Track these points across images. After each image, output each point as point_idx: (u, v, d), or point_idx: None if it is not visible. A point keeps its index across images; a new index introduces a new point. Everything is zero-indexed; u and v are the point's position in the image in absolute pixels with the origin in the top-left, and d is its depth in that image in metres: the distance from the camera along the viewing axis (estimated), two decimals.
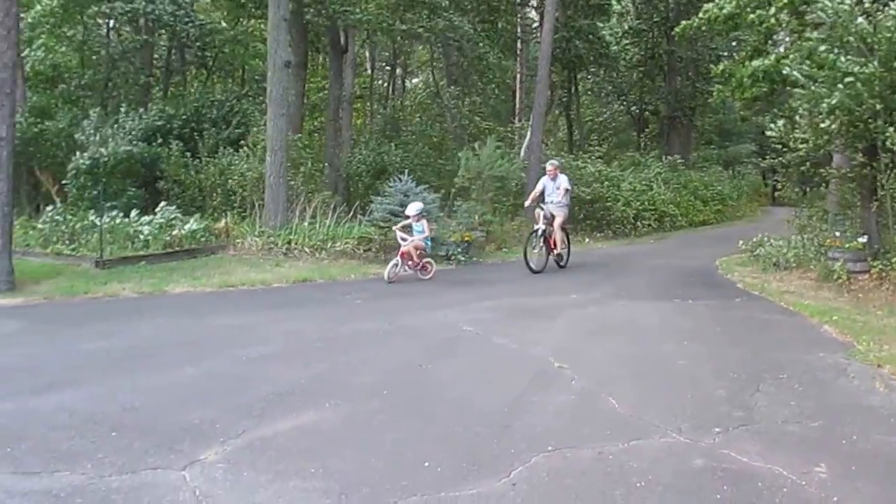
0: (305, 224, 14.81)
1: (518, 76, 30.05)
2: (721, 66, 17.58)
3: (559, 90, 31.45)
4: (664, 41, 32.21)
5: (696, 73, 33.26)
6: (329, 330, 8.25)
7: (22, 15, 23.41)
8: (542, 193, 13.75)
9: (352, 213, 15.87)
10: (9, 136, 11.04)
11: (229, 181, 17.65)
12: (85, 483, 3.92)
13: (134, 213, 15.31)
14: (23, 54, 22.60)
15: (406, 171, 16.13)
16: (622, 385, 6.07)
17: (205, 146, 18.74)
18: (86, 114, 19.84)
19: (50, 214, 15.40)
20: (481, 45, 25.45)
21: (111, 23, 23.56)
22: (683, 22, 17.96)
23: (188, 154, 18.63)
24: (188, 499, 3.74)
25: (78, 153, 17.45)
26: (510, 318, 9.05)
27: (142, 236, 13.89)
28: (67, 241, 14.24)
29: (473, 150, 18.16)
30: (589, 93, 37.78)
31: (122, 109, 19.52)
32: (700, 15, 16.33)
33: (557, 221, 13.44)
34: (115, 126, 18.67)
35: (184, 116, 20.16)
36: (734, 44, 29.82)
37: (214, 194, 17.88)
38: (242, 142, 18.89)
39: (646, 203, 22.98)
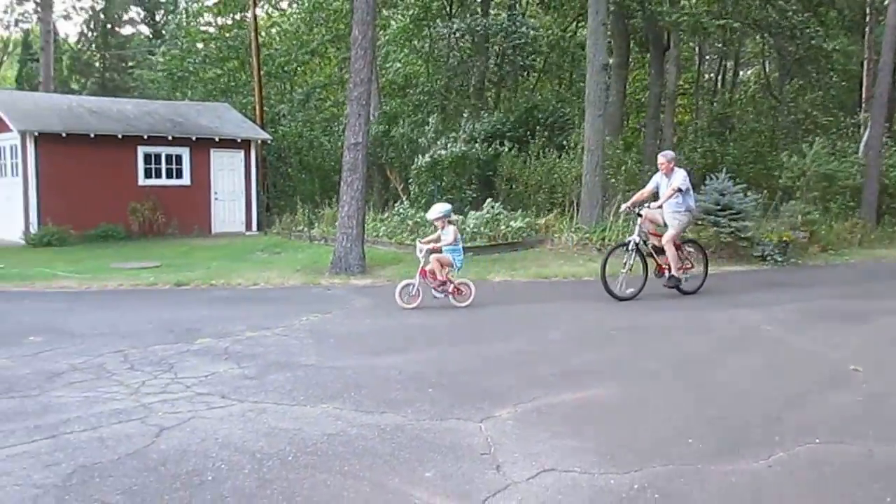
0: (620, 222, 15.39)
1: (865, 61, 27.76)
2: None
3: None
4: None
5: None
6: (628, 320, 8.86)
7: (381, 32, 26.71)
8: (656, 195, 10.86)
9: None
10: (364, 141, 13.00)
11: (552, 180, 18.78)
12: (405, 423, 4.97)
13: (468, 209, 17.01)
14: (380, 67, 25.77)
15: (723, 169, 15.98)
16: None
17: (534, 147, 20.09)
18: (426, 119, 22.20)
19: (396, 209, 17.70)
20: (818, 32, 23.95)
21: (452, 35, 25.84)
22: None
23: (518, 155, 20.10)
24: (481, 443, 4.62)
25: (420, 155, 19.65)
26: (815, 320, 8.94)
27: (468, 229, 15.41)
28: (409, 233, 16.24)
29: (801, 148, 17.48)
30: None
31: (465, 115, 21.49)
32: None
33: (668, 235, 10.43)
34: (454, 130, 20.69)
35: (514, 120, 21.70)
36: None
37: (539, 192, 19.12)
38: (566, 142, 19.91)
39: None
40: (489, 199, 17.21)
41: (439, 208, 9.74)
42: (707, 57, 33.48)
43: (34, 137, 18.20)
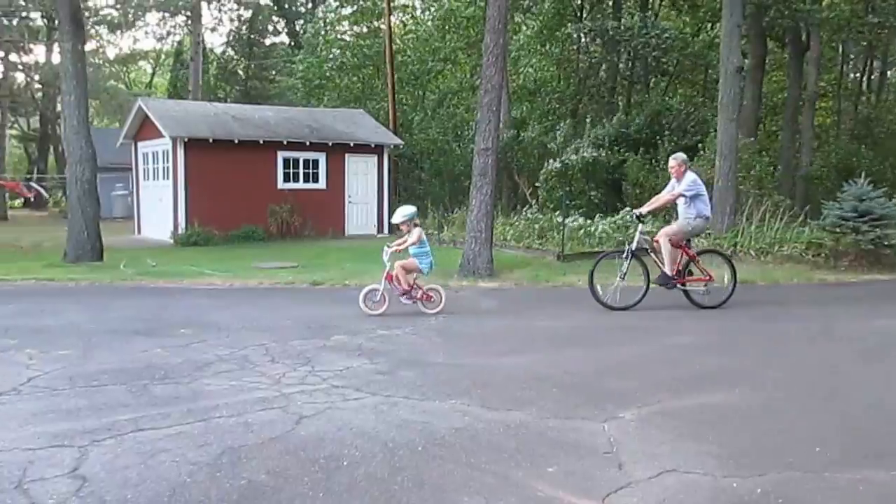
0: (752, 227, 14.99)
1: None
2: None
3: None
4: None
5: None
6: (753, 329, 8.73)
7: (512, 37, 26.94)
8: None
9: (803, 217, 15.61)
10: (494, 146, 13.22)
11: None
12: (529, 420, 5.12)
13: (598, 216, 16.97)
14: (511, 72, 25.98)
15: (861, 173, 15.30)
16: None
17: (663, 152, 19.79)
18: (557, 123, 22.25)
19: (524, 213, 17.87)
20: None
21: (582, 39, 25.77)
22: None
23: (648, 159, 19.84)
24: (604, 442, 4.71)
25: (549, 160, 19.74)
26: None
27: (597, 234, 15.39)
28: (537, 237, 16.37)
29: None
30: None
31: (588, 119, 21.43)
32: None
33: (665, 230, 10.23)
34: (584, 135, 20.65)
35: (643, 124, 21.43)
36: None
37: None
38: (699, 147, 19.51)
39: None
40: (619, 205, 17.13)
41: (403, 211, 9.52)
42: (851, 57, 31.91)
43: (184, 143, 19.44)
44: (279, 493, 3.90)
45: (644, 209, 10.36)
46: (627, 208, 17.00)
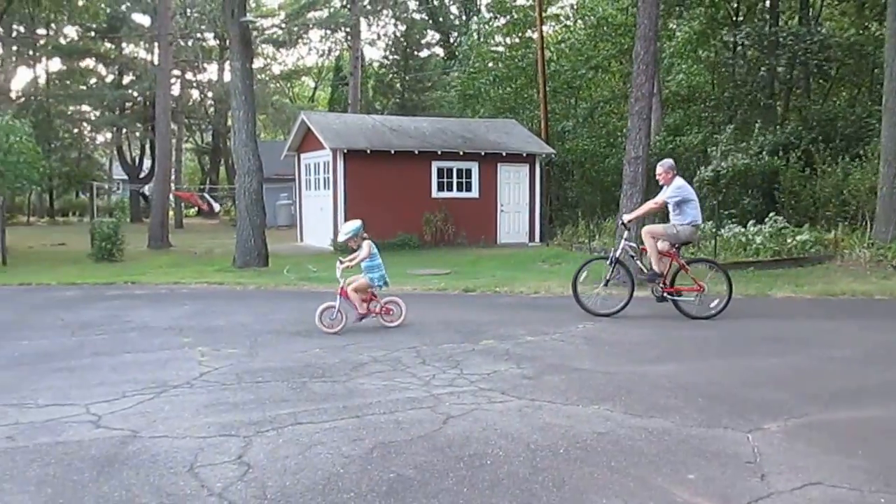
0: None
1: None
2: None
3: None
4: None
5: None
6: None
7: (666, 43, 26.44)
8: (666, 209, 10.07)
9: None
10: (644, 155, 13.11)
11: (843, 192, 17.52)
12: (672, 428, 5.13)
13: (751, 223, 16.40)
14: (664, 79, 25.49)
15: None
16: None
17: (819, 158, 18.86)
18: (717, 130, 21.62)
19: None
20: None
21: (738, 44, 24.91)
22: None
23: (804, 167, 18.96)
24: (747, 452, 4.65)
25: (703, 167, 19.23)
26: None
27: (754, 245, 14.87)
28: (690, 246, 15.95)
29: None
30: None
31: (745, 126, 20.70)
32: None
33: (648, 227, 10.03)
34: (743, 142, 19.95)
35: (802, 130, 20.48)
36: None
37: (829, 205, 17.92)
38: (862, 153, 18.47)
39: None
40: (772, 213, 16.48)
41: (347, 228, 9.21)
42: None
43: (343, 154, 20.34)
44: (425, 486, 4.14)
45: (628, 217, 10.36)
46: (772, 214, 16.36)
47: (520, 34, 33.30)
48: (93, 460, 4.57)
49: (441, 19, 46.75)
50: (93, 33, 41.88)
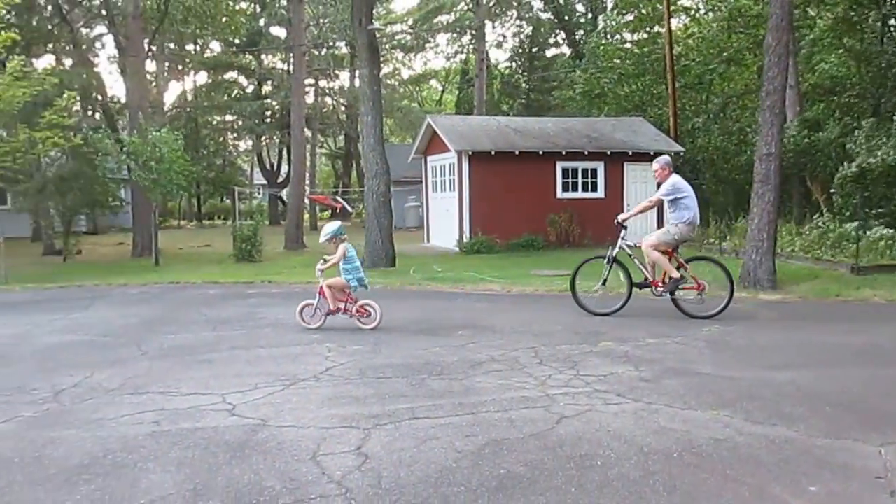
0: None
1: None
2: None
3: None
4: None
5: None
6: None
7: (807, 31, 25.27)
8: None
9: None
10: (777, 151, 12.60)
11: None
12: (795, 437, 4.93)
13: None
14: (803, 70, 24.36)
15: None
16: None
17: None
18: (858, 123, 20.45)
19: (815, 222, 16.68)
20: None
21: (887, 29, 23.50)
22: None
23: None
24: (878, 467, 4.40)
25: (846, 163, 18.23)
26: None
27: None
28: (829, 248, 15.22)
29: None
30: None
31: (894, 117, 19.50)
32: None
33: (646, 241, 9.89)
34: (889, 135, 18.80)
35: None
36: None
37: None
38: None
39: None
40: None
41: (326, 230, 9.41)
42: None
43: (468, 156, 20.53)
44: (534, 484, 4.18)
45: (623, 216, 10.38)
46: None
47: (647, 29, 32.59)
48: (226, 445, 4.88)
49: (567, 17, 46.29)
50: (234, 48, 43.98)
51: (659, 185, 10.20)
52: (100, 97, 32.28)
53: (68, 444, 4.98)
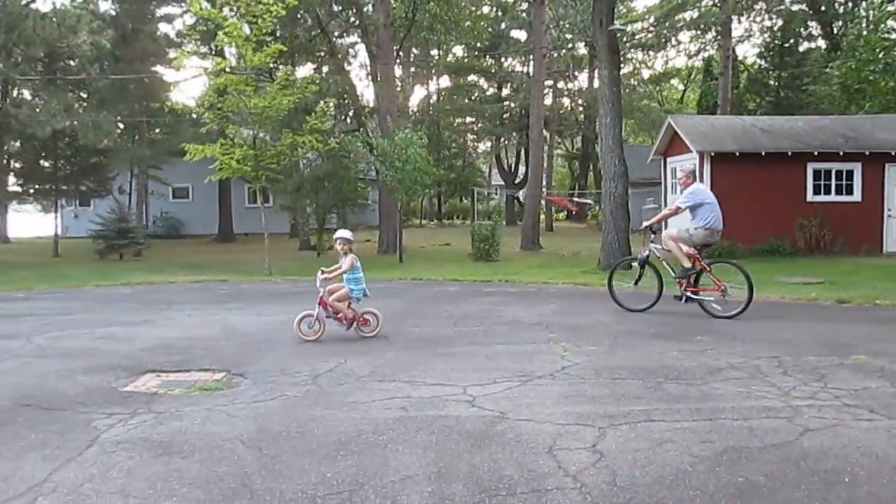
0: None
1: None
2: None
3: None
4: None
5: None
6: None
7: None
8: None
9: None
10: None
11: None
12: None
13: None
14: None
15: None
16: None
17: None
18: None
19: None
20: None
21: None
22: None
23: None
24: None
25: None
26: None
27: None
28: None
29: None
30: None
31: None
32: None
33: (666, 233, 11.00)
34: None
35: None
36: None
37: None
38: None
39: None
40: None
41: (340, 235, 9.52)
42: None
43: (710, 157, 19.88)
44: (774, 494, 4.13)
45: (648, 222, 11.33)
46: None
47: None
48: (467, 434, 5.23)
49: (823, 8, 43.15)
50: (476, 51, 45.47)
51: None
52: (351, 102, 34.70)
53: (327, 423, 5.56)
